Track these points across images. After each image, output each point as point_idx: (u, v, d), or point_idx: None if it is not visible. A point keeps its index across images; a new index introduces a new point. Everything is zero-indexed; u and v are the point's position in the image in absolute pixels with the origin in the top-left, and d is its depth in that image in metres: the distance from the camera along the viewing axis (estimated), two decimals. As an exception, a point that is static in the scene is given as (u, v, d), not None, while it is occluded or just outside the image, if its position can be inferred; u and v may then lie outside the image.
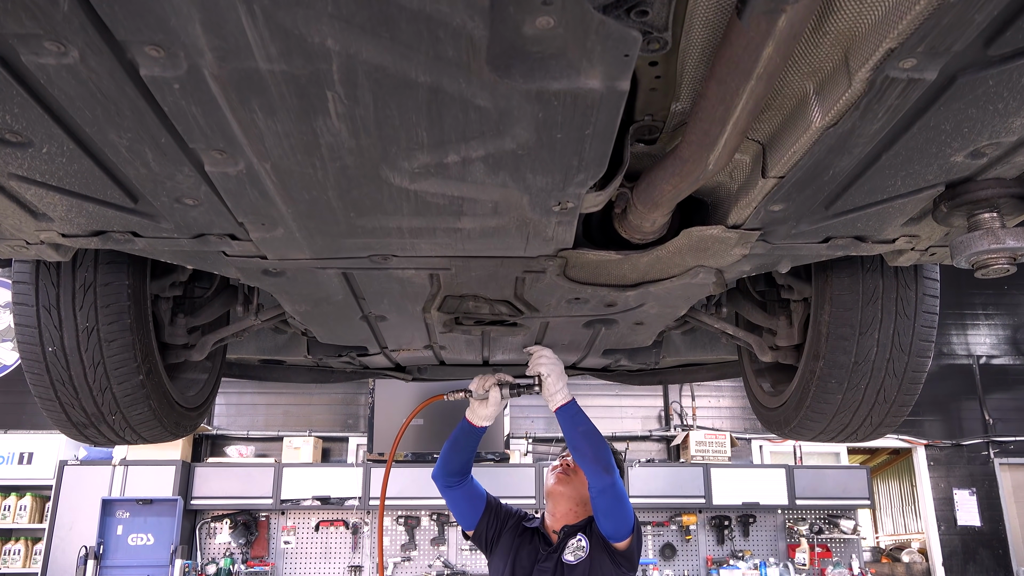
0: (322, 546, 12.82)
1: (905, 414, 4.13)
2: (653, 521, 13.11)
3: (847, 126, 2.08)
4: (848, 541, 13.20)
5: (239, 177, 2.31)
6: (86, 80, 1.83)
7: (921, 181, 2.49)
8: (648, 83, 2.26)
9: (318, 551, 12.79)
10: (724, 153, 2.11)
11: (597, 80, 1.83)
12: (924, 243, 3.10)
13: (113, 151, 2.19)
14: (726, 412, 15.02)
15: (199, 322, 4.44)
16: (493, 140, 2.11)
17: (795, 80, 2.09)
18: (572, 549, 4.30)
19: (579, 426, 4.15)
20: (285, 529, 12.76)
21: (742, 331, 4.60)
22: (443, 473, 4.49)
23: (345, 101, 1.90)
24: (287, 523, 12.81)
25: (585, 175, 2.32)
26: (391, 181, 2.34)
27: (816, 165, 2.32)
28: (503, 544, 4.46)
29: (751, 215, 2.72)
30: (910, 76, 1.86)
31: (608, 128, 2.05)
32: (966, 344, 15.77)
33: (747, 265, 3.32)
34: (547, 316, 4.03)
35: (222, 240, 2.89)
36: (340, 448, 14.26)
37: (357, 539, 12.78)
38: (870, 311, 3.80)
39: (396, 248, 2.97)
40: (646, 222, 2.77)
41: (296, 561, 12.74)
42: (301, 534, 12.81)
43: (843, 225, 2.87)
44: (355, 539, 12.76)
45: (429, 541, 12.86)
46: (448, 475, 4.49)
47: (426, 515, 12.91)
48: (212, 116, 1.96)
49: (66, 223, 2.76)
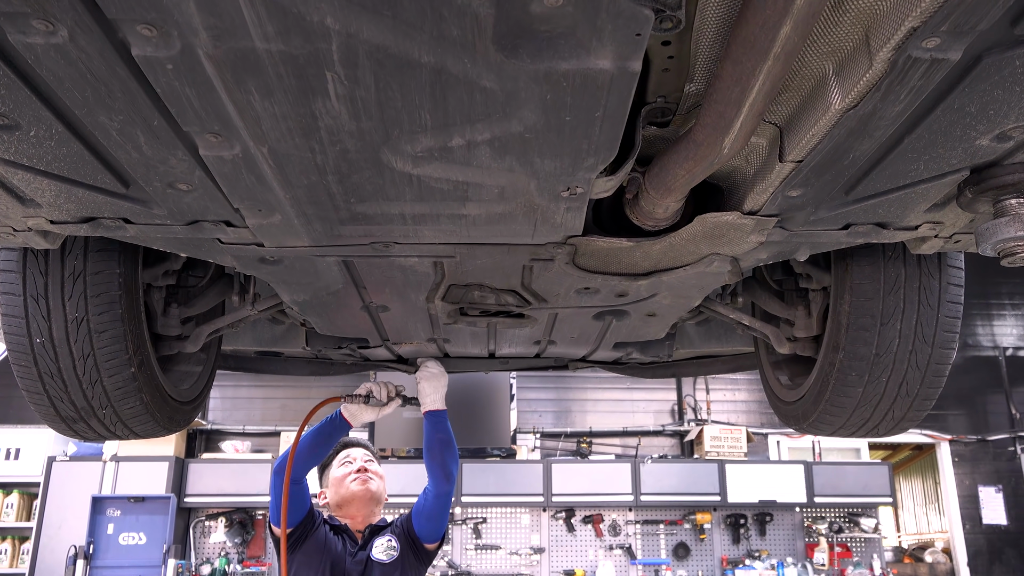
0: (322, 544, 12.75)
1: (928, 408, 4.12)
2: (666, 520, 13.15)
3: (868, 108, 2.07)
4: (869, 540, 13.23)
5: (235, 161, 2.31)
6: (75, 60, 1.83)
7: (945, 165, 2.49)
8: (661, 63, 2.26)
9: (318, 550, 12.73)
10: (740, 136, 2.11)
11: (608, 60, 1.83)
12: (948, 230, 3.09)
13: (104, 134, 2.19)
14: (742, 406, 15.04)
15: (193, 312, 4.44)
16: (499, 123, 2.11)
17: (814, 60, 2.09)
18: (383, 548, 4.74)
19: (440, 433, 4.78)
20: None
21: (758, 322, 4.59)
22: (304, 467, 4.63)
23: (345, 82, 1.90)
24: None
25: (595, 159, 2.32)
26: (393, 165, 2.35)
27: (836, 149, 2.32)
28: (314, 542, 4.64)
29: (768, 201, 2.71)
30: (933, 56, 1.86)
31: (619, 110, 2.05)
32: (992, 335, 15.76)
33: (764, 253, 3.31)
34: (555, 307, 4.02)
35: (217, 227, 2.89)
36: (340, 443, 14.21)
37: (358, 538, 12.67)
38: (892, 301, 3.79)
39: (398, 235, 2.97)
40: (658, 208, 2.77)
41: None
42: (302, 532, 12.75)
43: (864, 211, 2.87)
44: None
45: (432, 540, 12.84)
46: (306, 468, 4.64)
47: (429, 513, 12.89)
48: (207, 98, 1.96)
49: (55, 209, 2.76)
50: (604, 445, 14.50)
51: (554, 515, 13.17)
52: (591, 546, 13.14)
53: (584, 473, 13.08)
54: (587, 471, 13.14)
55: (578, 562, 13.08)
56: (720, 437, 13.70)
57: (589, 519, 13.12)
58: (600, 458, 13.98)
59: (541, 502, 12.80)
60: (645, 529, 13.20)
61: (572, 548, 13.16)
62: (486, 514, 13.14)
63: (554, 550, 13.11)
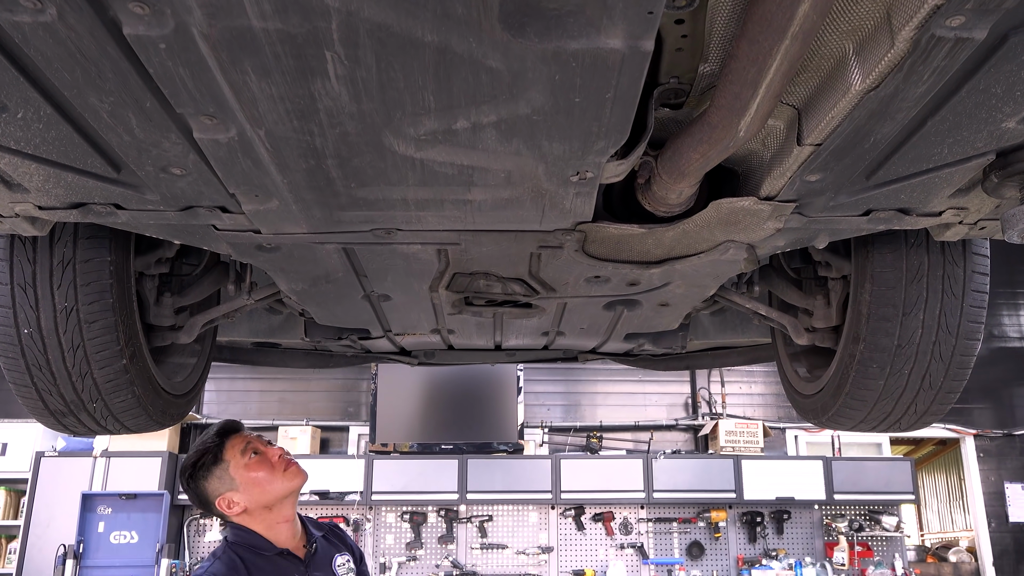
0: (320, 544, 12.75)
1: (952, 401, 4.13)
2: (679, 518, 13.14)
3: (889, 89, 2.08)
4: (891, 539, 13.22)
5: (230, 144, 2.31)
6: (65, 40, 1.84)
7: (970, 149, 2.49)
8: (674, 43, 2.26)
9: (316, 549, 12.74)
10: (756, 118, 2.11)
11: (619, 39, 1.83)
12: (973, 216, 3.09)
13: (94, 116, 2.20)
14: (758, 399, 15.02)
15: (187, 302, 4.45)
16: (506, 104, 2.11)
17: (833, 39, 2.09)
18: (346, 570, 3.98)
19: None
20: (281, 526, 12.69)
21: (776, 312, 4.60)
22: None
23: (345, 62, 1.90)
24: (283, 519, 12.69)
25: (606, 142, 2.32)
26: (395, 149, 2.35)
27: (856, 132, 2.32)
28: None
29: (786, 186, 2.72)
30: (958, 35, 1.86)
31: (630, 91, 2.05)
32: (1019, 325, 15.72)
33: (781, 240, 3.31)
34: (564, 296, 4.03)
35: (212, 213, 2.89)
36: (340, 438, 14.31)
37: (359, 537, 12.76)
38: (915, 290, 3.79)
39: (401, 221, 2.97)
40: (672, 193, 2.77)
41: (292, 560, 12.66)
42: (297, 531, 12.75)
43: (885, 197, 2.87)
44: (356, 537, 12.71)
45: (437, 539, 12.92)
46: None
47: (433, 511, 12.95)
48: (201, 78, 1.97)
49: (43, 194, 2.77)
50: (615, 440, 14.50)
51: (563, 513, 13.15)
52: (601, 545, 13.14)
53: (594, 469, 13.07)
54: (597, 467, 13.12)
55: (588, 562, 13.08)
56: (736, 432, 13.69)
57: (599, 517, 13.11)
58: (611, 454, 13.97)
59: (549, 499, 12.79)
60: (657, 527, 13.19)
61: (581, 547, 13.16)
62: (492, 512, 13.13)
63: (563, 549, 13.10)
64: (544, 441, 14.15)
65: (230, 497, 3.68)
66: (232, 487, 3.68)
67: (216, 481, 3.68)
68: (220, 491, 3.68)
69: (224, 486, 3.68)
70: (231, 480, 3.68)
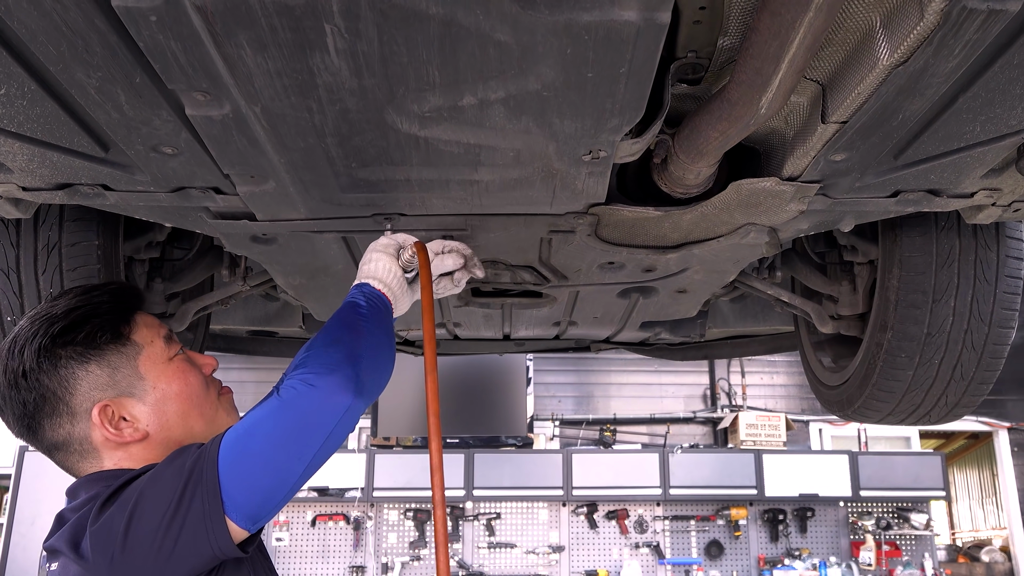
0: (319, 543, 12.87)
1: (985, 393, 4.13)
2: (697, 515, 13.14)
3: (918, 64, 2.07)
4: (920, 538, 13.22)
5: (224, 122, 2.31)
6: (50, 11, 1.83)
7: (1003, 127, 2.48)
8: (691, 15, 2.25)
9: (315, 549, 12.85)
10: (778, 95, 2.10)
11: (633, 11, 1.82)
12: (1007, 197, 3.08)
13: (81, 93, 2.19)
14: (780, 391, 15.04)
15: (179, 288, 4.44)
16: (515, 80, 2.11)
17: (859, 11, 2.08)
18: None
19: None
20: (277, 524, 12.82)
21: (799, 298, 4.60)
22: (376, 389, 2.53)
23: (346, 35, 1.90)
24: (280, 517, 12.81)
25: (619, 120, 2.32)
26: (398, 126, 2.35)
27: (883, 109, 2.31)
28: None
29: (809, 165, 2.71)
30: (991, 7, 1.85)
31: (646, 66, 2.05)
32: (1057, 313, 15.69)
33: (805, 223, 3.31)
34: (577, 284, 4.02)
35: (205, 194, 2.89)
36: (339, 432, 14.25)
37: (359, 535, 12.79)
38: (945, 275, 3.79)
39: (404, 205, 2.97)
40: (689, 174, 2.77)
41: (290, 560, 12.80)
42: (296, 530, 12.87)
43: (914, 177, 2.86)
44: (357, 535, 12.77)
45: (441, 538, 12.88)
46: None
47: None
48: (194, 52, 1.96)
49: (27, 175, 2.76)
50: (629, 434, 14.53)
51: (575, 510, 13.16)
52: (615, 544, 13.14)
53: (607, 464, 13.07)
54: (611, 462, 13.13)
55: (601, 562, 13.10)
56: (756, 425, 13.71)
57: (613, 515, 13.11)
58: (625, 448, 14.00)
59: (560, 496, 12.80)
60: (674, 526, 13.19)
61: (594, 546, 13.17)
62: (500, 509, 13.14)
63: (575, 548, 13.12)
64: (555, 435, 14.18)
65: (126, 407, 2.38)
66: (131, 391, 2.39)
67: (102, 371, 2.36)
68: (103, 393, 2.35)
69: (117, 386, 2.38)
70: (136, 379, 2.41)
